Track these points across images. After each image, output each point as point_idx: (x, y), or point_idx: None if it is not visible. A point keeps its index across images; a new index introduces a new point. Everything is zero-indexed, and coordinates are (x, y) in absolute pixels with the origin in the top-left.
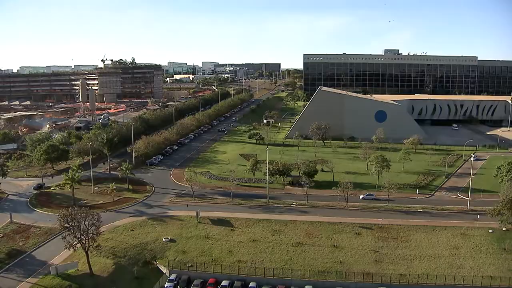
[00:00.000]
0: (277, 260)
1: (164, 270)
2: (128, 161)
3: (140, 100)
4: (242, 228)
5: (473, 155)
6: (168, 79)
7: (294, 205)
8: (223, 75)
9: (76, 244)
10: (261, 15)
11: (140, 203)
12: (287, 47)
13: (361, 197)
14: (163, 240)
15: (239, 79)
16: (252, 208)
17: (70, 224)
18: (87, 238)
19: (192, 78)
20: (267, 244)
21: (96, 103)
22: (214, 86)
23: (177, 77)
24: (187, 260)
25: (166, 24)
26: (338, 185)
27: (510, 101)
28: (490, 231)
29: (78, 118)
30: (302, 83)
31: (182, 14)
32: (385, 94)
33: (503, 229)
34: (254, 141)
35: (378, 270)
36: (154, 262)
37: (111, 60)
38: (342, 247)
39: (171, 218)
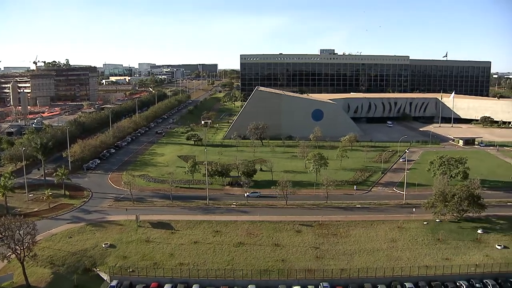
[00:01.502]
0: (219, 261)
1: (105, 276)
2: (64, 166)
3: (75, 103)
4: (183, 230)
5: (407, 151)
6: (103, 81)
7: (234, 205)
8: (160, 77)
9: (10, 255)
10: (197, 16)
11: (77, 209)
12: (224, 48)
13: (245, 195)
14: (103, 246)
15: (176, 80)
16: (192, 210)
17: (3, 234)
18: (22, 248)
19: (129, 79)
20: (209, 245)
21: (29, 107)
22: (151, 87)
23: (113, 79)
24: (128, 265)
25: (101, 25)
26: (277, 184)
27: (440, 99)
28: (425, 223)
29: (10, 123)
30: (239, 84)
31: (116, 15)
32: (322, 93)
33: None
34: (192, 142)
35: (320, 266)
36: (94, 269)
37: (44, 62)
38: (283, 245)
39: (110, 223)
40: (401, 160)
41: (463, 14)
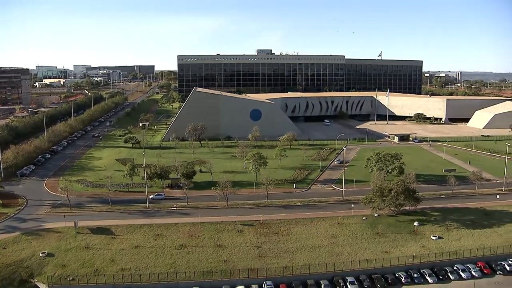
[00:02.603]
0: (162, 265)
1: (43, 287)
2: None
3: (7, 107)
4: (123, 235)
5: (345, 148)
6: (37, 83)
7: (175, 208)
8: (96, 79)
9: None
10: (132, 16)
11: (11, 218)
12: (161, 49)
13: (150, 197)
14: (40, 255)
15: (113, 82)
16: (132, 214)
17: None
18: None
19: (63, 82)
20: (150, 249)
21: None
22: (86, 90)
23: (46, 81)
24: (68, 273)
25: (33, 25)
26: (217, 185)
27: (375, 97)
28: (364, 218)
29: None
30: (177, 85)
31: (47, 16)
32: (260, 93)
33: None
34: (130, 145)
35: (262, 265)
36: (32, 280)
37: None
38: (226, 245)
39: (47, 231)
40: (335, 162)
41: (396, 15)
